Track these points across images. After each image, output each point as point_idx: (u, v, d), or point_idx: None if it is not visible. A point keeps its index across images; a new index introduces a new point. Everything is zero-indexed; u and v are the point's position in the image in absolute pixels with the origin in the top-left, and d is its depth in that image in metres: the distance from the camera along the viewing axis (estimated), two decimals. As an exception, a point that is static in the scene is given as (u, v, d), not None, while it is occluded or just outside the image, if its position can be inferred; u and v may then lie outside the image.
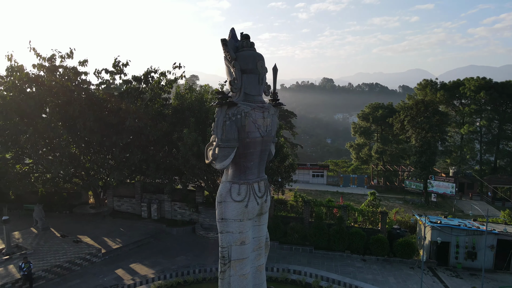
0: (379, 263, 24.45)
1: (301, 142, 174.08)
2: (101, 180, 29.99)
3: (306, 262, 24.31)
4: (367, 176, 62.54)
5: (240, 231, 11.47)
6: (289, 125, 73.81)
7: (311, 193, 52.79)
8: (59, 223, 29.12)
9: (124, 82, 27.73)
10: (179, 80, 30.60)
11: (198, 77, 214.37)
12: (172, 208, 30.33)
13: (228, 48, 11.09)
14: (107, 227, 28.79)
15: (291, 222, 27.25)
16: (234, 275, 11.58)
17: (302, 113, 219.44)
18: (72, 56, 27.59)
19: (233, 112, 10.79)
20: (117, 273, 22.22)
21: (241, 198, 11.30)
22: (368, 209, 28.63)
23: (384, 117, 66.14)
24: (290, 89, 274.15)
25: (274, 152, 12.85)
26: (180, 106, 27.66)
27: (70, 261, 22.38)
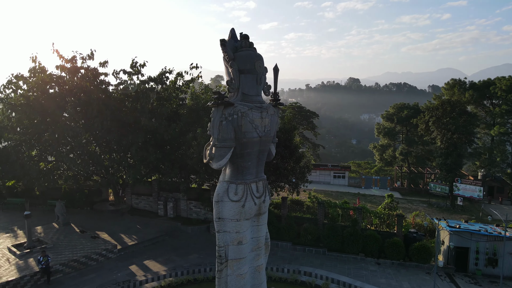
0: (394, 267, 23.80)
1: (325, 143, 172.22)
2: (120, 178, 30.78)
3: (318, 264, 24.01)
4: (390, 178, 61.04)
5: (237, 231, 11.47)
6: (311, 125, 73.20)
7: (331, 194, 52.15)
8: (79, 219, 30.14)
9: (141, 83, 28.34)
10: (196, 80, 30.94)
11: (223, 78, 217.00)
12: (188, 206, 30.73)
13: (226, 48, 11.11)
14: (125, 224, 29.53)
15: (304, 223, 26.98)
16: (231, 275, 11.59)
17: (327, 113, 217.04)
18: (93, 57, 28.48)
19: (230, 112, 10.78)
20: (131, 269, 22.74)
21: (238, 198, 11.29)
22: (385, 211, 27.93)
23: (409, 117, 64.38)
24: (316, 89, 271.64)
25: (274, 153, 12.78)
26: (195, 106, 27.98)
27: (86, 256, 23.10)
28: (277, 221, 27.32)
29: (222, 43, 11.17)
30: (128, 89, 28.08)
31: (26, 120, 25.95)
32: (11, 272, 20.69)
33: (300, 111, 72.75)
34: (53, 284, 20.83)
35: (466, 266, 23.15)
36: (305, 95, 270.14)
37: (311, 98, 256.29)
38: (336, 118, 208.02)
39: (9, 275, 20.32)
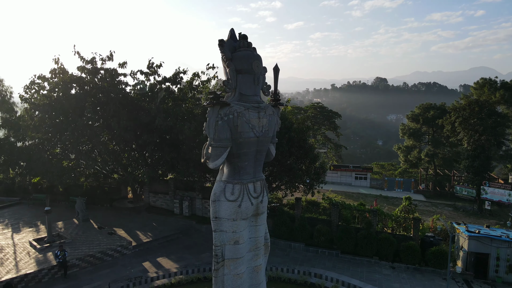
0: (409, 272, 23.11)
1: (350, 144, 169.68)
2: (138, 176, 31.49)
3: (331, 266, 23.67)
4: (414, 180, 59.32)
5: (233, 231, 11.46)
6: (333, 126, 72.26)
7: (352, 196, 51.31)
8: (99, 215, 31.06)
9: (157, 83, 28.89)
10: (212, 80, 31.22)
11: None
12: (203, 205, 31.03)
13: (224, 48, 11.13)
14: (141, 221, 30.18)
15: (318, 224, 26.66)
16: (228, 274, 11.59)
17: (353, 113, 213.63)
18: (112, 59, 29.28)
19: (225, 112, 10.78)
20: (144, 265, 23.21)
21: (234, 198, 11.28)
22: (401, 214, 27.17)
23: (436, 118, 62.36)
24: (341, 89, 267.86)
25: (274, 153, 12.69)
26: None
27: (102, 251, 23.78)
28: (291, 222, 27.14)
29: (220, 43, 11.20)
30: (144, 90, 28.69)
31: (48, 120, 27.03)
32: (30, 265, 21.59)
33: (322, 111, 72.01)
34: (70, 277, 21.56)
35: (486, 273, 22.16)
36: (330, 95, 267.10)
37: (336, 98, 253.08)
38: (361, 118, 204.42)
39: (28, 268, 21.22)
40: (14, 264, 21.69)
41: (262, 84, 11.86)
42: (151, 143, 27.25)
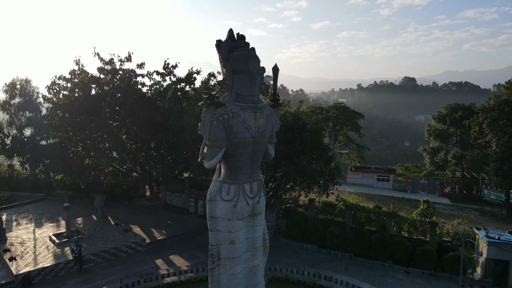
0: (424, 277, 22.36)
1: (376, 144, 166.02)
2: (154, 175, 32.10)
3: (343, 268, 23.25)
4: (439, 183, 57.39)
5: (229, 230, 11.46)
6: (355, 127, 71.06)
7: (373, 198, 50.21)
8: (117, 212, 31.87)
9: (173, 83, 29.34)
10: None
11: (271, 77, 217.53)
12: (218, 204, 31.20)
13: (221, 49, 11.13)
14: (157, 219, 30.73)
15: (331, 226, 26.26)
16: (224, 274, 11.60)
17: (379, 114, 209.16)
18: (131, 60, 30.01)
19: (220, 112, 10.79)
20: (156, 262, 23.62)
21: (230, 198, 11.28)
22: (418, 218, 26.33)
23: (464, 118, 60.27)
24: (367, 89, 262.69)
25: (273, 154, 12.60)
26: None
27: (117, 247, 24.39)
28: (304, 223, 26.87)
29: (217, 43, 11.22)
30: (159, 90, 29.22)
31: (68, 119, 28.03)
32: (48, 259, 22.43)
33: (344, 111, 70.96)
34: (85, 272, 22.24)
35: (506, 281, 21.14)
36: (356, 95, 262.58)
37: (362, 98, 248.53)
38: (388, 119, 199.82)
39: (46, 261, 22.04)
40: (33, 258, 22.60)
41: (260, 84, 11.80)
42: (166, 143, 27.71)
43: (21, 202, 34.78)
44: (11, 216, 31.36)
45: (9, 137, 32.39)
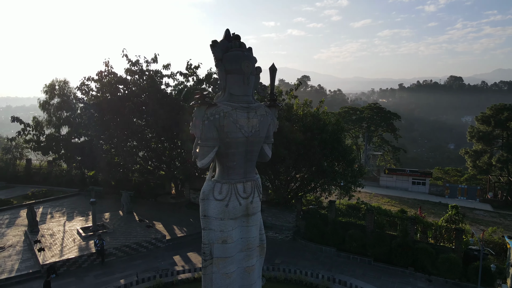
0: (448, 287, 21.14)
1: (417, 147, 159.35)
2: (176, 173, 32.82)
3: (361, 273, 22.53)
4: (480, 188, 54.06)
5: (221, 230, 11.46)
6: (391, 128, 68.72)
7: (407, 202, 48.29)
8: (142, 208, 32.92)
9: (196, 83, 29.87)
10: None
11: (309, 77, 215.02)
12: (239, 204, 31.35)
13: (214, 49, 11.16)
14: (180, 217, 31.40)
15: (351, 229, 25.54)
16: (216, 273, 11.62)
17: (421, 115, 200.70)
18: (157, 61, 30.94)
19: (212, 112, 10.84)
20: (174, 259, 24.14)
21: (222, 197, 11.29)
22: (443, 224, 24.93)
23: (511, 120, 56.43)
24: (410, 89, 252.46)
25: (270, 154, 12.47)
26: None
27: (138, 243, 25.20)
28: (323, 225, 26.35)
29: (212, 44, 11.26)
30: (183, 90, 29.86)
31: (96, 118, 29.40)
32: (73, 251, 23.61)
33: (378, 112, 68.84)
34: (106, 265, 23.18)
35: (539, 295, 19.52)
36: (397, 95, 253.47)
37: (404, 98, 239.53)
38: (431, 120, 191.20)
39: (71, 253, 23.22)
40: (60, 249, 23.87)
41: (256, 84, 11.75)
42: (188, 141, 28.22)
43: (57, 196, 36.88)
44: (46, 209, 33.35)
45: (44, 135, 34.44)
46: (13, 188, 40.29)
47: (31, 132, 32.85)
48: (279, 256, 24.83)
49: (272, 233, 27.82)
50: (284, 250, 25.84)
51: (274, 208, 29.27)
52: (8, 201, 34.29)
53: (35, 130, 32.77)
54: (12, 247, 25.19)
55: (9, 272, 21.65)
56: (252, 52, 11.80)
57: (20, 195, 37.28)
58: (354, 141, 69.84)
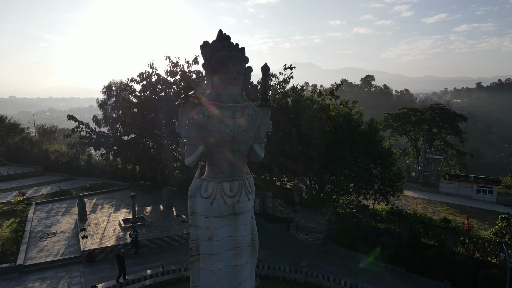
0: (487, 306, 19.04)
1: (494, 152, 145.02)
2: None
3: (390, 283, 21.19)
4: (560, 199, 47.67)
5: (207, 227, 11.58)
6: (455, 130, 63.45)
7: (469, 211, 44.22)
8: (182, 204, 34.13)
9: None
10: (289, 80, 31.15)
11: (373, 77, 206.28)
12: (273, 204, 31.25)
13: (204, 49, 11.31)
14: (216, 214, 32.10)
15: (384, 235, 24.12)
16: (204, 269, 11.76)
17: (502, 117, 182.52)
18: (198, 62, 32.09)
19: (196, 111, 11.04)
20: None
21: (207, 195, 11.42)
22: (489, 236, 22.40)
23: None
24: (490, 88, 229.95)
25: (262, 154, 12.32)
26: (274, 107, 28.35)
27: (170, 236, 26.33)
28: (355, 230, 25.24)
29: (202, 45, 11.43)
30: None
31: (139, 117, 31.33)
32: (111, 240, 25.39)
33: (441, 113, 63.88)
34: (139, 255, 24.57)
35: None
36: (474, 95, 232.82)
37: (482, 98, 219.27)
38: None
39: (109, 242, 24.99)
40: (100, 238, 25.82)
41: (245, 84, 11.78)
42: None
43: (110, 189, 39.91)
44: (99, 200, 36.26)
45: (95, 132, 37.47)
46: (75, 180, 44.46)
47: (84, 129, 36.02)
48: (306, 258, 24.31)
49: (302, 235, 27.33)
50: (313, 253, 25.22)
51: (307, 209, 28.72)
52: (68, 192, 37.86)
53: (88, 127, 35.82)
54: (62, 233, 27.79)
55: (54, 255, 23.95)
56: (244, 52, 11.79)
57: (80, 186, 41.05)
58: (414, 143, 65.73)
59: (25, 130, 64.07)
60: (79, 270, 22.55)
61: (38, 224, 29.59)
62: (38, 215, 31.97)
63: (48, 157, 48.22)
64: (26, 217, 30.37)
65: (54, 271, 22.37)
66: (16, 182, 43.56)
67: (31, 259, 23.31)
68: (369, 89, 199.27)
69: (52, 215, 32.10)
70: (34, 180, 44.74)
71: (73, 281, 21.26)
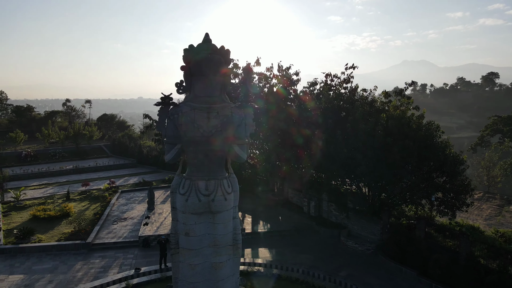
0: None
1: None
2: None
3: (436, 307, 18.76)
4: None
5: (184, 222, 12.10)
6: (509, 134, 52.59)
7: None
8: (242, 201, 34.56)
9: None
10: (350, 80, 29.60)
11: (498, 75, 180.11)
12: (329, 208, 30.00)
13: (186, 53, 11.78)
14: (271, 213, 32.24)
15: (439, 252, 21.29)
16: (183, 262, 12.27)
17: None
18: (260, 64, 32.73)
19: (172, 112, 11.72)
20: (245, 251, 25.28)
21: (183, 192, 11.95)
22: None
23: None
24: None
25: (243, 155, 12.31)
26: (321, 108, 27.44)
27: (218, 231, 27.45)
28: (408, 243, 22.85)
29: (186, 48, 11.93)
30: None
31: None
32: (166, 229, 27.51)
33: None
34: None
35: None
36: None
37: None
38: None
39: (164, 230, 27.19)
40: (158, 226, 28.26)
41: (225, 85, 12.05)
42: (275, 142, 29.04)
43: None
44: (172, 192, 39.58)
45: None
46: (160, 173, 49.20)
47: (155, 126, 39.54)
48: (349, 268, 22.89)
49: (352, 243, 25.78)
50: (358, 263, 23.61)
51: (360, 217, 26.99)
52: (149, 183, 42.08)
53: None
54: (132, 219, 31.13)
55: (118, 238, 27.04)
56: (226, 54, 11.97)
57: (161, 179, 45.33)
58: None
59: (130, 127, 73.13)
60: (133, 253, 25.07)
61: (116, 210, 33.67)
62: (120, 201, 36.36)
63: (141, 151, 54.29)
64: (108, 203, 34.80)
65: (114, 251, 25.30)
66: (114, 171, 50.26)
67: (99, 238, 26.76)
68: (491, 88, 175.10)
69: (130, 202, 36.15)
70: (127, 171, 50.95)
71: (126, 262, 23.74)
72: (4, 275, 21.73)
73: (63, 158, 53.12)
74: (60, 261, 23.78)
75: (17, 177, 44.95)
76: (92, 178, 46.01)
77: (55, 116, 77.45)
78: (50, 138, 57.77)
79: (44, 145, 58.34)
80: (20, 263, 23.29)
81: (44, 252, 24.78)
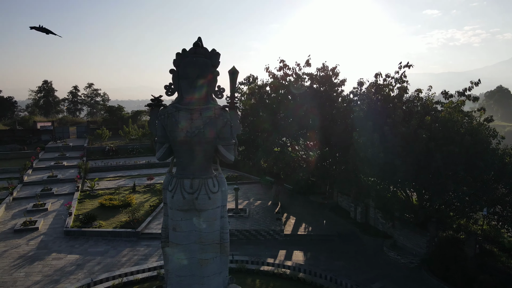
0: None
1: None
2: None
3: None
4: None
5: (171, 218, 12.69)
6: None
7: None
8: (290, 202, 34.84)
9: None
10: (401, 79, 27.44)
11: None
12: (376, 215, 28.18)
13: (177, 57, 12.33)
14: (316, 216, 31.32)
15: (489, 273, 18.70)
16: (172, 255, 12.85)
17: None
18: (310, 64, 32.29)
19: (160, 113, 12.41)
20: (280, 252, 25.13)
21: (171, 189, 12.55)
22: None
23: None
24: None
25: (230, 156, 12.52)
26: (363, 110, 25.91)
27: (257, 230, 27.65)
28: (454, 259, 20.48)
29: (178, 53, 12.47)
30: None
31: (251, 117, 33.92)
32: (208, 224, 28.69)
33: None
34: (226, 242, 26.95)
35: None
36: None
37: None
38: None
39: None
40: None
41: (212, 87, 12.28)
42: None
43: (242, 181, 44.07)
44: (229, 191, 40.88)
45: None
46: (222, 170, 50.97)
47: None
48: (385, 280, 21.33)
49: (394, 254, 23.97)
50: (396, 277, 21.85)
51: (408, 227, 24.95)
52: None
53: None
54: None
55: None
56: (214, 57, 12.32)
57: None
58: None
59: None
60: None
61: (171, 203, 35.97)
62: (177, 196, 38.75)
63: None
64: (166, 196, 37.36)
65: (159, 241, 27.12)
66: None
67: (148, 228, 28.89)
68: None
69: (186, 197, 38.30)
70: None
71: (163, 252, 25.36)
72: (64, 254, 24.79)
73: (139, 154, 58.10)
74: (112, 246, 26.30)
75: (98, 169, 50.57)
76: (161, 173, 49.64)
77: (140, 115, 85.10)
78: (130, 135, 63.72)
79: (125, 141, 64.53)
80: (79, 245, 26.32)
81: (101, 236, 27.62)
